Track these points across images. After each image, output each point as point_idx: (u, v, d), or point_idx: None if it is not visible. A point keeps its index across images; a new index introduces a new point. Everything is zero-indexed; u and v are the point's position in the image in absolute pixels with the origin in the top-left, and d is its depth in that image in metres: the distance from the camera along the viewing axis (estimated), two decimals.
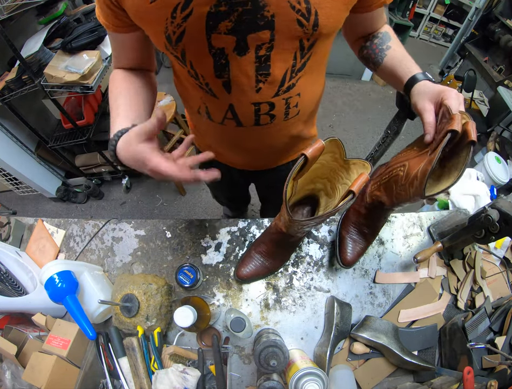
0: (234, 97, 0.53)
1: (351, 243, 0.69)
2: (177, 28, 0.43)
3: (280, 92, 0.53)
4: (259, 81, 0.50)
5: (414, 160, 0.49)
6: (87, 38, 1.51)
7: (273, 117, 0.57)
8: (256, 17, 0.41)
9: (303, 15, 0.42)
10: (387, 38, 0.60)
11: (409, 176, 0.48)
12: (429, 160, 0.43)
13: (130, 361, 0.62)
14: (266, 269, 0.72)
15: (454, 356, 0.67)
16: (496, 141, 2.33)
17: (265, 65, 0.47)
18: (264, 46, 0.45)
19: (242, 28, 0.42)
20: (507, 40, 2.56)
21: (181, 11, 0.41)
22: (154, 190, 2.19)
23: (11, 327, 0.67)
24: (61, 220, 0.85)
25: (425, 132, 0.48)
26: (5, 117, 1.66)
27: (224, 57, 0.46)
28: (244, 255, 0.74)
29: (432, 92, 0.49)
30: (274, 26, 0.42)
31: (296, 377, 0.53)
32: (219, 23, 0.42)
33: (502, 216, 0.59)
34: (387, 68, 0.59)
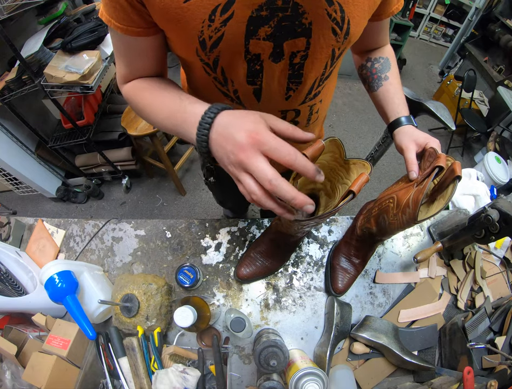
0: (263, 105, 0.52)
1: (342, 273, 0.71)
2: (214, 32, 0.39)
3: (306, 100, 0.54)
4: (290, 89, 0.50)
5: (401, 191, 0.53)
6: (87, 38, 1.51)
7: (296, 124, 0.58)
8: (295, 23, 0.41)
9: (337, 24, 0.42)
10: (387, 66, 0.62)
11: (400, 205, 0.51)
12: (419, 190, 0.47)
13: (130, 361, 0.62)
14: (266, 269, 0.72)
15: (454, 356, 0.67)
16: (496, 141, 2.33)
17: (298, 73, 0.47)
18: (299, 53, 0.44)
19: (280, 34, 0.41)
20: (507, 40, 2.57)
21: (220, 14, 0.37)
22: (154, 190, 2.19)
23: (11, 327, 0.67)
24: (61, 220, 0.85)
25: (409, 170, 0.53)
26: (5, 117, 1.66)
27: (259, 63, 0.45)
28: (244, 255, 0.74)
29: (417, 136, 0.54)
30: (311, 34, 0.42)
31: (296, 377, 0.53)
32: (259, 28, 0.40)
33: (502, 216, 0.59)
34: (379, 98, 0.62)
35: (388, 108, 0.60)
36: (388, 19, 0.58)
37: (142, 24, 0.42)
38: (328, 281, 0.73)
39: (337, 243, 0.78)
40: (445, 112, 0.97)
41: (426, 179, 0.48)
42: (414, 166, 0.52)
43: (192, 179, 2.23)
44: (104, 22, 0.43)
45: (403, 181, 0.57)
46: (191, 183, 2.20)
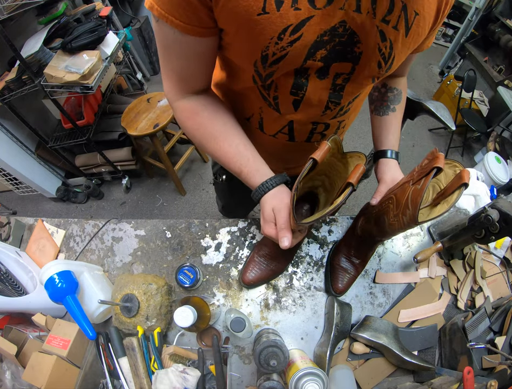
0: (298, 115, 0.54)
1: (342, 273, 0.71)
2: (279, 50, 0.40)
3: (337, 115, 0.57)
4: (328, 108, 0.53)
5: (399, 190, 0.53)
6: (87, 38, 1.51)
7: (323, 136, 0.61)
8: (347, 50, 0.43)
9: (384, 59, 0.45)
10: (398, 99, 0.66)
11: (399, 206, 0.51)
12: (417, 191, 0.47)
13: (130, 361, 0.62)
14: (271, 272, 0.72)
15: (454, 356, 0.66)
16: (496, 141, 2.33)
17: (338, 94, 0.50)
18: (342, 76, 0.47)
19: (331, 56, 0.43)
20: (507, 40, 2.56)
21: (290, 34, 0.38)
22: (154, 190, 2.19)
23: (11, 327, 0.67)
24: (61, 220, 0.85)
25: (373, 197, 0.59)
26: (5, 117, 1.67)
27: (306, 77, 0.47)
28: (248, 259, 0.74)
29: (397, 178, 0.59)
30: (358, 62, 0.45)
31: (296, 377, 0.53)
32: (317, 51, 0.42)
33: (502, 216, 0.59)
34: (380, 124, 0.66)
35: (384, 137, 0.65)
36: (414, 55, 0.60)
37: (207, 23, 0.39)
38: (328, 281, 0.73)
39: (337, 243, 0.77)
40: (445, 112, 0.97)
41: (424, 178, 0.47)
42: (379, 196, 0.58)
43: (192, 179, 2.23)
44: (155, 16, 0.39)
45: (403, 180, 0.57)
46: (191, 183, 2.20)
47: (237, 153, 0.53)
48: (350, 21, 0.40)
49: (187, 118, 0.54)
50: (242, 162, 0.52)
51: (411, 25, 0.43)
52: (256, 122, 0.60)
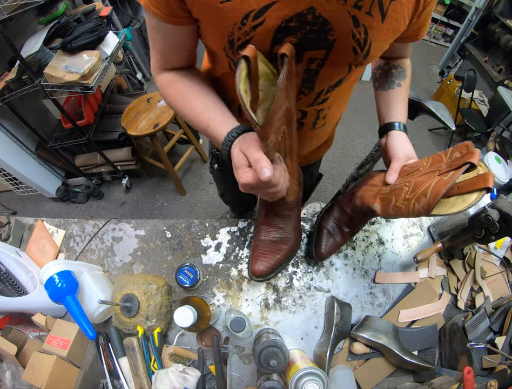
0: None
1: (328, 237, 0.67)
2: (244, 35, 0.42)
3: (314, 103, 0.56)
4: (301, 92, 0.52)
5: (421, 178, 0.50)
6: (87, 38, 1.51)
7: (301, 125, 0.60)
8: (320, 38, 0.43)
9: (359, 45, 0.44)
10: (403, 76, 0.65)
11: (415, 191, 0.47)
12: (442, 182, 0.44)
13: (130, 361, 0.62)
14: (285, 252, 0.65)
15: (454, 356, 0.67)
16: (496, 141, 2.32)
17: (311, 79, 0.50)
18: (316, 61, 0.47)
19: (304, 45, 0.44)
20: (507, 40, 2.56)
21: (252, 19, 0.40)
22: (154, 190, 2.19)
23: (11, 327, 0.67)
24: (61, 220, 0.85)
25: (388, 174, 0.55)
26: (5, 117, 1.66)
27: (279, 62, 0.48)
28: (252, 249, 0.68)
29: (409, 152, 0.57)
30: (332, 49, 0.45)
31: (296, 377, 0.53)
32: (285, 37, 0.42)
33: (502, 216, 0.59)
34: (386, 98, 0.64)
35: (391, 110, 0.62)
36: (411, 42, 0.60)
37: (181, 13, 0.44)
38: (312, 244, 0.68)
39: (330, 205, 0.71)
40: (445, 112, 0.97)
41: (453, 172, 0.44)
42: (396, 174, 0.55)
43: (192, 179, 2.23)
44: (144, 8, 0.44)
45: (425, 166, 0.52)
46: (191, 183, 2.20)
47: (206, 108, 0.52)
48: (319, 7, 0.39)
49: (166, 87, 0.56)
50: (210, 116, 0.51)
51: (387, 11, 0.42)
52: (236, 108, 0.61)
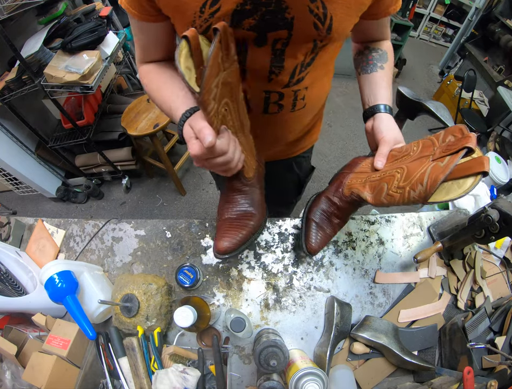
0: (247, 84, 0.56)
1: (317, 230, 0.64)
2: (204, 22, 0.45)
3: (290, 84, 0.57)
4: (272, 72, 0.54)
5: (413, 163, 0.48)
6: (87, 38, 1.51)
7: (281, 107, 0.61)
8: (277, 17, 0.45)
9: (319, 19, 0.46)
10: (384, 58, 0.64)
11: (409, 178, 0.46)
12: (439, 168, 0.42)
13: (130, 361, 0.62)
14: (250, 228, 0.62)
15: (454, 356, 0.67)
16: (496, 141, 2.33)
17: (279, 58, 0.51)
18: (280, 41, 0.49)
19: (263, 26, 0.46)
20: (507, 40, 2.57)
21: (209, 7, 0.44)
22: (154, 190, 2.19)
23: (11, 327, 0.67)
24: (61, 220, 0.85)
25: (377, 159, 0.54)
26: (5, 117, 1.67)
27: (244, 46, 0.50)
28: (217, 228, 0.63)
29: (397, 136, 0.57)
30: (292, 27, 0.46)
31: (296, 377, 0.53)
32: (243, 20, 0.45)
33: (502, 216, 0.59)
34: (369, 80, 0.63)
35: (377, 92, 0.61)
36: (387, 17, 0.60)
37: (152, 12, 0.49)
38: (301, 238, 0.65)
39: (317, 195, 0.68)
40: (445, 112, 0.97)
41: (449, 157, 0.42)
42: (384, 158, 0.54)
43: (192, 179, 2.23)
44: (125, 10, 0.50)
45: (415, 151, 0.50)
46: (191, 183, 2.20)
47: (172, 94, 0.54)
48: None
49: (143, 77, 0.61)
50: (173, 100, 0.53)
51: None
52: None
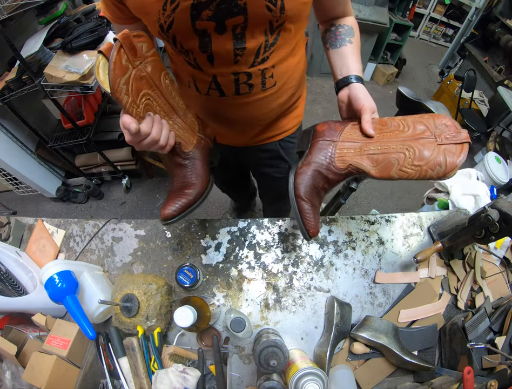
0: (216, 69, 0.60)
1: (313, 210, 0.57)
2: (167, 18, 0.51)
3: (255, 64, 0.60)
4: (237, 55, 0.58)
5: (420, 144, 0.53)
6: (87, 38, 1.51)
7: (251, 86, 0.64)
8: (231, 5, 0.49)
9: (270, 2, 0.50)
10: (351, 33, 0.67)
11: (425, 159, 0.51)
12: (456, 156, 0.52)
13: (130, 361, 0.62)
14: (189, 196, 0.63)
15: (454, 356, 0.67)
16: (496, 141, 2.33)
17: (241, 41, 0.55)
18: (239, 26, 0.53)
19: (220, 15, 0.51)
20: (507, 40, 2.56)
21: (170, 4, 0.49)
22: (154, 190, 2.19)
23: (11, 327, 0.67)
24: (61, 220, 0.85)
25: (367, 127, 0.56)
26: (5, 117, 1.66)
27: (207, 36, 0.54)
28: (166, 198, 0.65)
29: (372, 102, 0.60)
30: (247, 12, 0.51)
31: (296, 377, 0.53)
32: (201, 12, 0.50)
33: (502, 216, 0.59)
34: (340, 54, 0.66)
35: (350, 63, 0.63)
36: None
37: (123, 15, 0.58)
38: (299, 223, 0.57)
39: (299, 167, 0.59)
40: (445, 112, 0.97)
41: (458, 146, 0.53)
42: (371, 125, 0.57)
43: None
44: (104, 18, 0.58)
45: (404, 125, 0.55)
46: None
47: None
48: None
49: None
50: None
51: None
52: (193, 86, 0.67)
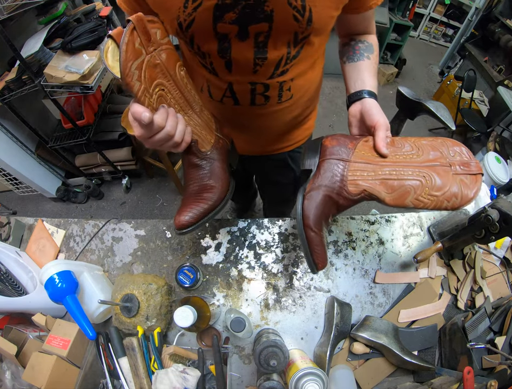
0: (233, 76, 0.58)
1: (321, 241, 0.53)
2: (188, 17, 0.48)
3: (274, 75, 0.58)
4: (256, 64, 0.55)
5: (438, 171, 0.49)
6: (87, 38, 1.51)
7: (267, 98, 0.62)
8: (257, 10, 0.46)
9: (298, 12, 0.47)
10: (370, 50, 0.65)
11: (442, 190, 0.48)
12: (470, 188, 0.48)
13: (130, 361, 0.62)
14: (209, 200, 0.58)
15: (454, 356, 0.67)
16: (496, 141, 2.32)
17: (262, 50, 0.53)
18: (262, 34, 0.50)
19: (244, 19, 0.48)
20: (507, 40, 2.56)
21: (192, 2, 0.46)
22: (154, 190, 2.19)
23: (11, 327, 0.67)
24: (61, 220, 0.85)
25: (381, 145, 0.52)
26: (5, 117, 1.66)
27: (228, 41, 0.51)
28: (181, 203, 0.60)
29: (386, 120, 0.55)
30: (273, 20, 0.48)
31: (296, 377, 0.53)
32: (224, 14, 0.47)
33: (502, 216, 0.59)
34: (356, 68, 0.63)
35: (365, 78, 0.60)
36: (371, 11, 0.60)
37: (139, 8, 0.53)
38: (307, 255, 0.53)
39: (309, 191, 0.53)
40: (445, 112, 0.97)
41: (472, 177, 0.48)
42: (386, 143, 0.53)
43: None
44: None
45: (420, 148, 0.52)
46: None
47: None
48: None
49: None
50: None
51: None
52: (206, 91, 0.65)
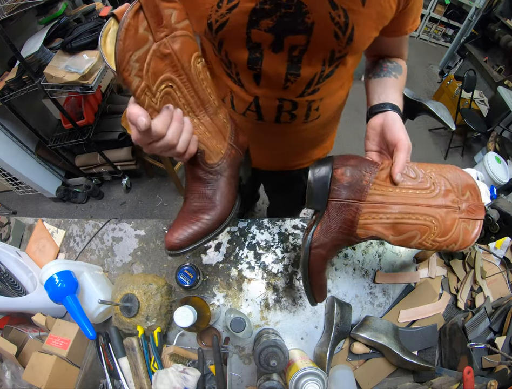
0: (261, 90, 0.54)
1: (324, 282, 0.54)
2: (220, 17, 0.44)
3: (304, 94, 0.55)
4: (288, 80, 0.52)
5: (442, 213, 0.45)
6: (87, 38, 1.51)
7: (293, 117, 0.59)
8: (297, 21, 0.43)
9: (340, 28, 0.44)
10: (399, 70, 0.62)
11: (445, 236, 0.45)
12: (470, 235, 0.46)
13: (130, 361, 0.62)
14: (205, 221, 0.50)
15: (454, 356, 0.67)
16: (496, 141, 2.33)
17: (296, 65, 0.49)
18: (298, 48, 0.47)
19: (281, 29, 0.44)
20: (507, 40, 2.56)
21: (227, 2, 0.42)
22: (154, 190, 2.19)
23: (11, 327, 0.67)
24: (61, 220, 0.85)
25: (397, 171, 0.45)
26: (5, 117, 1.66)
27: (260, 51, 0.48)
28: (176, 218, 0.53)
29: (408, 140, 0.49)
30: (312, 33, 0.44)
31: (296, 377, 0.53)
32: (261, 20, 0.43)
33: (502, 216, 0.59)
34: (383, 83, 0.59)
35: (390, 92, 0.55)
36: (406, 36, 0.58)
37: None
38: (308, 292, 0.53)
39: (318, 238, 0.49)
40: (445, 112, 0.97)
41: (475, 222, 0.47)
42: (402, 169, 0.46)
43: None
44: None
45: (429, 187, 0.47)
46: None
47: None
48: None
49: None
50: None
51: None
52: (229, 101, 0.61)
